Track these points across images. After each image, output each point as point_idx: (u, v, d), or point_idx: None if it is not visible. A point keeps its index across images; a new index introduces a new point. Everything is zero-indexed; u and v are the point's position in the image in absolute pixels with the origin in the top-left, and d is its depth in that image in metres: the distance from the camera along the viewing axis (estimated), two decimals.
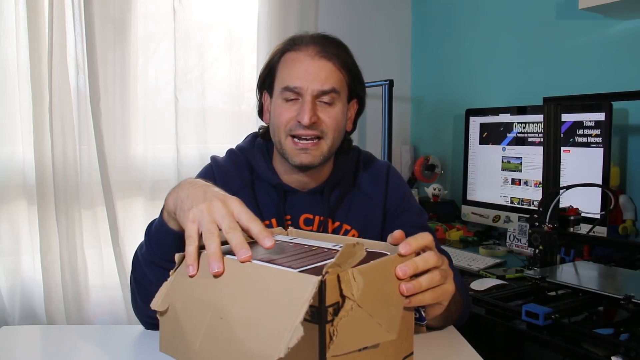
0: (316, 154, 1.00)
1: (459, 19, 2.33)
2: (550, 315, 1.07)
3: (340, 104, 1.02)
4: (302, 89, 0.98)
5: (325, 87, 0.98)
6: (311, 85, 0.98)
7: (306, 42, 1.01)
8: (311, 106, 0.97)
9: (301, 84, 0.98)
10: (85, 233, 1.85)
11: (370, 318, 0.58)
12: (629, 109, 1.67)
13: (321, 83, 0.98)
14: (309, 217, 1.06)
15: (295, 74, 0.99)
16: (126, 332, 0.96)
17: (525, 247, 1.74)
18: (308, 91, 0.98)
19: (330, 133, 1.00)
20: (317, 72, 0.98)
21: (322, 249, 0.67)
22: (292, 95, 0.99)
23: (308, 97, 0.98)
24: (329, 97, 0.99)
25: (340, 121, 1.02)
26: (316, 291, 0.51)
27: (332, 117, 1.00)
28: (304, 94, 0.98)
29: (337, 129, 1.01)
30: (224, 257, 0.61)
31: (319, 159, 1.01)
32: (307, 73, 0.98)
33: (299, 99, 0.99)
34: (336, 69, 1.00)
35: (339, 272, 0.55)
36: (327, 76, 0.99)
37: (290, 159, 1.01)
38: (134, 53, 1.92)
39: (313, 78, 0.98)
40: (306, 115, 0.96)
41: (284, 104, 1.00)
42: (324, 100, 0.99)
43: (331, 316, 0.53)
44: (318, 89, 0.98)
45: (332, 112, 1.00)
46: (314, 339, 0.53)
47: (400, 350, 0.64)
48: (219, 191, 0.72)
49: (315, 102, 0.98)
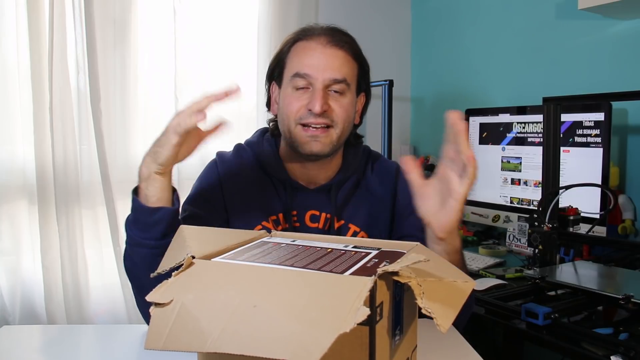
0: (326, 141, 0.99)
1: (459, 19, 2.34)
2: (549, 314, 1.07)
3: (350, 95, 1.01)
4: (313, 77, 0.97)
5: (337, 76, 0.98)
6: (323, 73, 0.97)
7: (317, 32, 1.01)
8: (322, 94, 0.97)
9: (312, 72, 0.97)
10: (85, 233, 1.85)
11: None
12: (628, 109, 1.67)
13: (333, 72, 0.97)
14: (315, 214, 1.06)
15: (306, 62, 0.98)
16: (126, 331, 0.96)
17: (525, 246, 1.74)
18: (319, 80, 0.97)
19: (341, 122, 1.00)
20: (330, 61, 0.98)
21: (339, 251, 0.68)
22: (303, 83, 0.98)
23: (319, 86, 0.97)
24: (340, 86, 0.99)
25: (350, 111, 1.02)
26: (368, 293, 0.50)
27: (342, 106, 1.00)
28: (315, 83, 0.97)
29: (347, 118, 1.01)
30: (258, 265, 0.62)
31: (328, 147, 1.00)
32: (319, 61, 0.97)
33: (309, 88, 0.98)
34: (348, 58, 1.00)
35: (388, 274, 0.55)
36: (340, 65, 0.99)
37: (300, 147, 1.00)
38: (134, 53, 1.92)
39: (325, 66, 0.97)
40: (317, 103, 0.96)
41: (294, 93, 0.99)
42: (335, 89, 0.99)
43: (379, 317, 0.54)
44: (330, 77, 0.97)
45: (343, 102, 1.00)
46: (364, 341, 0.53)
47: (411, 345, 0.68)
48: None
49: (326, 91, 0.98)
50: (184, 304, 0.56)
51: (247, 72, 2.09)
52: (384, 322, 0.56)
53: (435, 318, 0.54)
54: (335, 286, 0.53)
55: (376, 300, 0.53)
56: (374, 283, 0.52)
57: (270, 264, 0.61)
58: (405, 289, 0.63)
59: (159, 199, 0.86)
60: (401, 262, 0.57)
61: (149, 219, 0.86)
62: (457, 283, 0.62)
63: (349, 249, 0.68)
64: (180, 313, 0.56)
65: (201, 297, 0.57)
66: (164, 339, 0.55)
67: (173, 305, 0.57)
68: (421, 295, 0.55)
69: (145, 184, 0.86)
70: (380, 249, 0.69)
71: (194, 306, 0.56)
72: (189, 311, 0.56)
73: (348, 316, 0.47)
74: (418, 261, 0.57)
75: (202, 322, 0.54)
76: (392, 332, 0.59)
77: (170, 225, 0.85)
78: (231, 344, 0.50)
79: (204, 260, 0.64)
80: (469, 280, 0.64)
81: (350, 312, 0.48)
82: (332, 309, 0.49)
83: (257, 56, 2.07)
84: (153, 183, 0.86)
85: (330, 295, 0.52)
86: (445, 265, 0.67)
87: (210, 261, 0.64)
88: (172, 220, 0.87)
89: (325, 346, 0.45)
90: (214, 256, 0.66)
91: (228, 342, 0.51)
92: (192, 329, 0.55)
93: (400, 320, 0.62)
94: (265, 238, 0.77)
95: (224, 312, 0.53)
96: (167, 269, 0.67)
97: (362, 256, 0.64)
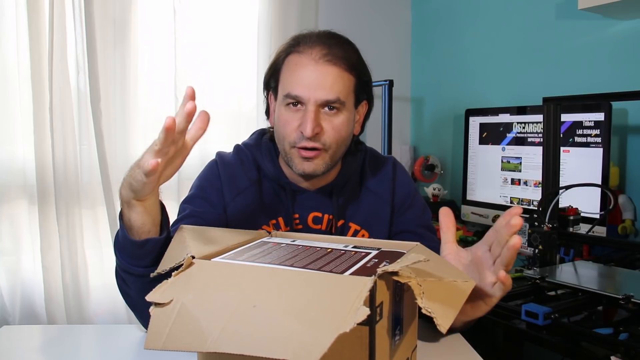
0: (319, 162, 0.98)
1: (459, 19, 2.33)
2: (549, 314, 1.07)
3: (345, 112, 0.98)
4: (305, 98, 0.94)
5: (329, 97, 0.95)
6: (314, 94, 0.94)
7: (311, 42, 0.97)
8: (314, 116, 0.94)
9: (304, 93, 0.94)
10: (85, 233, 1.85)
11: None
12: (628, 109, 1.67)
13: (325, 92, 0.94)
14: (317, 216, 1.06)
15: (298, 81, 0.95)
16: (126, 331, 0.96)
17: (525, 246, 1.73)
18: (311, 101, 0.94)
19: (334, 144, 0.98)
20: (322, 80, 0.94)
21: (339, 251, 0.68)
22: (295, 102, 0.96)
23: (311, 107, 0.94)
24: (334, 105, 0.96)
25: (343, 130, 0.99)
26: (368, 293, 0.50)
27: (334, 127, 0.97)
28: (306, 104, 0.95)
29: (339, 139, 0.99)
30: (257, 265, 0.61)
31: (321, 167, 0.99)
32: (310, 80, 0.94)
33: (302, 106, 0.96)
34: (342, 74, 0.96)
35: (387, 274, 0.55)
36: (332, 83, 0.95)
37: (294, 168, 1.00)
38: (134, 53, 1.92)
39: (317, 86, 0.94)
40: (309, 126, 0.93)
41: (287, 112, 0.98)
42: (330, 107, 0.96)
43: (379, 317, 0.54)
44: (322, 98, 0.94)
45: (336, 122, 0.97)
46: (364, 341, 0.53)
47: (411, 345, 0.68)
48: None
49: (318, 111, 0.95)
50: (184, 303, 0.56)
51: (247, 72, 2.09)
52: (384, 322, 0.56)
53: (435, 318, 0.54)
54: (335, 286, 0.53)
55: (376, 300, 0.53)
56: (374, 283, 0.52)
57: (270, 264, 0.61)
58: (405, 289, 0.63)
59: (143, 223, 0.83)
60: (401, 262, 0.57)
61: (137, 251, 0.83)
62: (457, 283, 0.62)
63: (349, 249, 0.68)
64: (180, 313, 0.56)
65: (201, 297, 0.57)
66: (163, 338, 0.55)
67: (173, 305, 0.57)
68: (421, 295, 0.55)
69: (127, 209, 0.83)
70: (380, 249, 0.69)
71: (193, 306, 0.56)
72: (189, 311, 0.56)
73: (348, 316, 0.47)
74: (418, 261, 0.57)
75: (202, 322, 0.54)
76: (392, 332, 0.59)
77: (161, 254, 0.78)
78: (231, 343, 0.50)
79: (204, 260, 0.64)
80: (469, 280, 0.64)
81: (350, 312, 0.48)
82: (332, 309, 0.49)
83: (257, 56, 2.07)
84: (134, 208, 0.81)
85: (330, 295, 0.52)
86: (445, 265, 0.67)
87: (210, 261, 0.64)
88: (162, 249, 0.81)
89: (325, 346, 0.45)
90: (214, 256, 0.66)
91: (228, 342, 0.51)
92: (192, 328, 0.55)
93: (400, 320, 0.62)
94: (265, 238, 0.78)
95: (223, 312, 0.53)
96: (167, 269, 0.67)
97: (362, 256, 0.64)
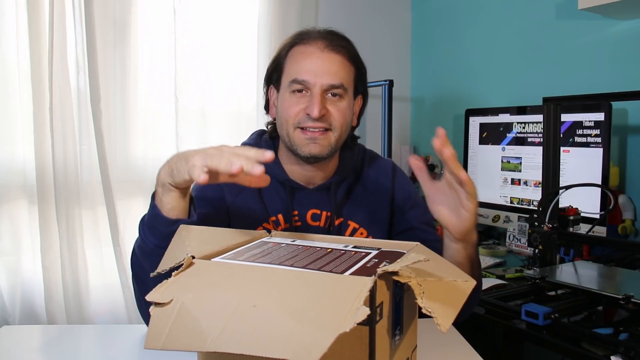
0: (324, 143, 1.00)
1: (459, 19, 2.34)
2: (549, 314, 1.07)
3: (347, 98, 1.03)
4: (311, 82, 0.98)
5: (334, 82, 0.99)
6: (320, 79, 0.98)
7: (314, 36, 1.02)
8: (320, 99, 0.98)
9: (310, 78, 0.98)
10: (85, 233, 1.85)
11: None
12: (628, 109, 1.67)
13: (331, 77, 0.98)
14: (316, 213, 1.07)
15: (304, 67, 0.99)
16: (126, 332, 0.96)
17: (525, 247, 1.74)
18: (317, 85, 0.98)
19: (339, 126, 1.01)
20: (327, 66, 0.99)
21: (339, 251, 0.68)
22: (301, 88, 0.99)
23: (317, 91, 0.98)
24: (338, 91, 1.00)
25: (347, 115, 1.03)
26: (368, 293, 0.51)
27: (340, 110, 1.00)
28: (312, 88, 0.98)
29: (344, 122, 1.02)
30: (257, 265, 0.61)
31: (327, 149, 1.01)
32: (316, 66, 0.98)
33: (307, 92, 0.99)
34: (345, 62, 1.01)
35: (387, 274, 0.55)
36: (337, 70, 0.99)
37: (299, 150, 1.01)
38: (134, 53, 1.92)
39: (322, 72, 0.98)
40: (316, 108, 0.97)
41: (292, 97, 1.00)
42: (333, 94, 1.00)
43: (379, 317, 0.54)
44: (327, 82, 0.98)
45: (340, 106, 1.01)
46: (364, 341, 0.53)
47: (411, 345, 0.68)
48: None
49: (324, 96, 0.99)
50: (184, 303, 0.56)
51: (247, 72, 2.09)
52: (384, 322, 0.56)
53: (436, 318, 0.54)
54: (335, 286, 0.53)
55: (376, 300, 0.53)
56: (374, 283, 0.52)
57: (270, 264, 0.61)
58: (405, 289, 0.63)
59: (173, 207, 0.85)
60: (401, 262, 0.57)
61: (167, 229, 0.83)
62: (457, 283, 0.62)
63: (349, 249, 0.68)
64: (180, 313, 0.56)
65: (201, 296, 0.57)
66: (163, 338, 0.54)
67: (173, 305, 0.57)
68: (421, 295, 0.55)
69: (162, 190, 0.85)
70: (380, 249, 0.69)
71: (193, 306, 0.56)
72: (189, 311, 0.56)
73: (348, 316, 0.47)
74: (418, 261, 0.57)
75: (202, 321, 0.54)
76: (392, 332, 0.59)
77: None
78: (231, 343, 0.50)
79: (204, 260, 0.64)
80: (469, 280, 0.64)
81: (350, 312, 0.48)
82: (332, 309, 0.49)
83: (257, 56, 2.07)
84: (169, 192, 0.84)
85: (330, 295, 0.52)
86: (445, 265, 0.67)
87: (210, 261, 0.64)
88: None
89: (325, 346, 0.45)
90: (214, 256, 0.66)
91: (228, 342, 0.50)
92: (192, 328, 0.54)
93: (400, 320, 0.62)
94: (265, 238, 0.78)
95: (223, 311, 0.53)
96: (167, 269, 0.67)
97: (362, 256, 0.64)
